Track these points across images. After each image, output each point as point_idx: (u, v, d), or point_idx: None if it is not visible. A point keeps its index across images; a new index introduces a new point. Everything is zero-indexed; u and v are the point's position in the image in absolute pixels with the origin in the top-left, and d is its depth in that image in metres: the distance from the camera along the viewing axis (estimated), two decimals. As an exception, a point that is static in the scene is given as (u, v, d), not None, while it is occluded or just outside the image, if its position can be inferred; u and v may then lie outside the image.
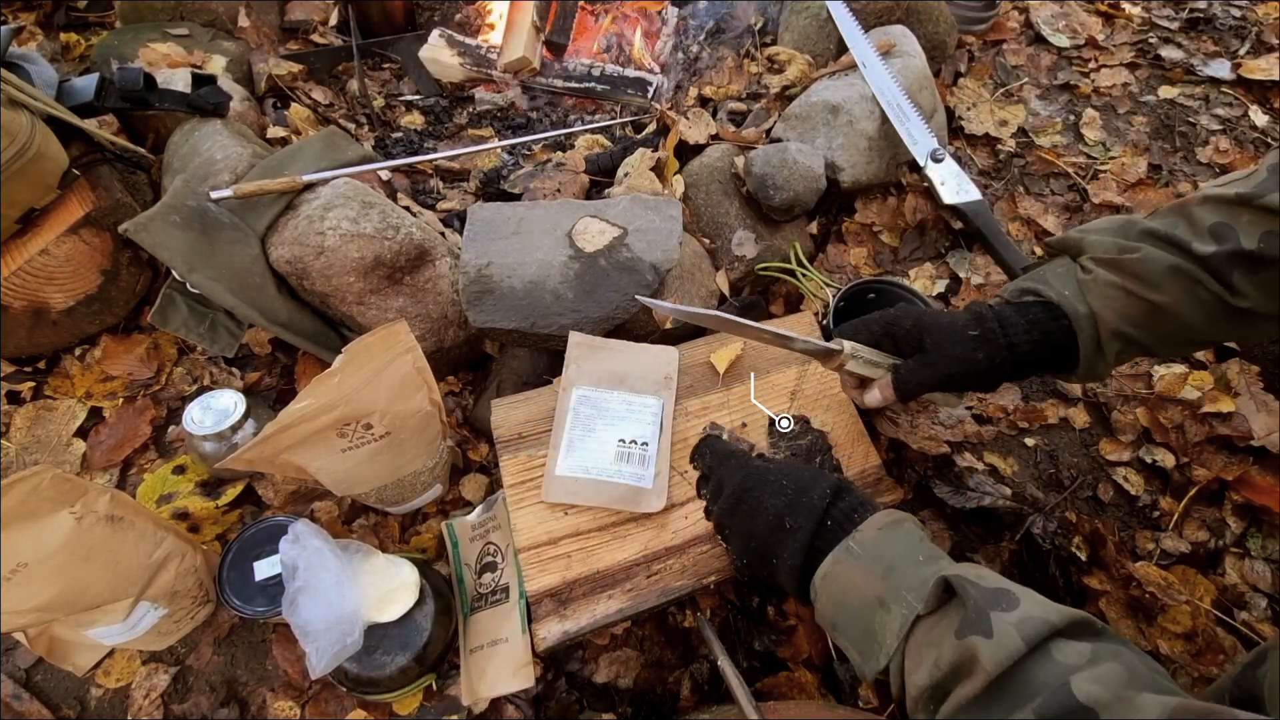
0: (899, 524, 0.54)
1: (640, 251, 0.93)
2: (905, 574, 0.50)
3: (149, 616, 0.75)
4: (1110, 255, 0.61)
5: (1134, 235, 0.62)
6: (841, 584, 0.53)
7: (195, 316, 0.96)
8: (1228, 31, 1.46)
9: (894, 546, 0.52)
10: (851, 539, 0.53)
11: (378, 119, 1.24)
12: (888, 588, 0.50)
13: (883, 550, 0.52)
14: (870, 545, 0.53)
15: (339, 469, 0.77)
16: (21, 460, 0.94)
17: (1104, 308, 0.61)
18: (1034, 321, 0.62)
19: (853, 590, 0.52)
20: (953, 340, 0.63)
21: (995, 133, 1.30)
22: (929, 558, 0.51)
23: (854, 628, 0.52)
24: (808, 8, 1.20)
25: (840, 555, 0.53)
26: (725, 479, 0.63)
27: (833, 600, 0.53)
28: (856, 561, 0.52)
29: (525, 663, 0.77)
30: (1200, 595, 0.85)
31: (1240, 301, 0.59)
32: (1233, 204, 0.58)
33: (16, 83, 0.86)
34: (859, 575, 0.52)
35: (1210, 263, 0.58)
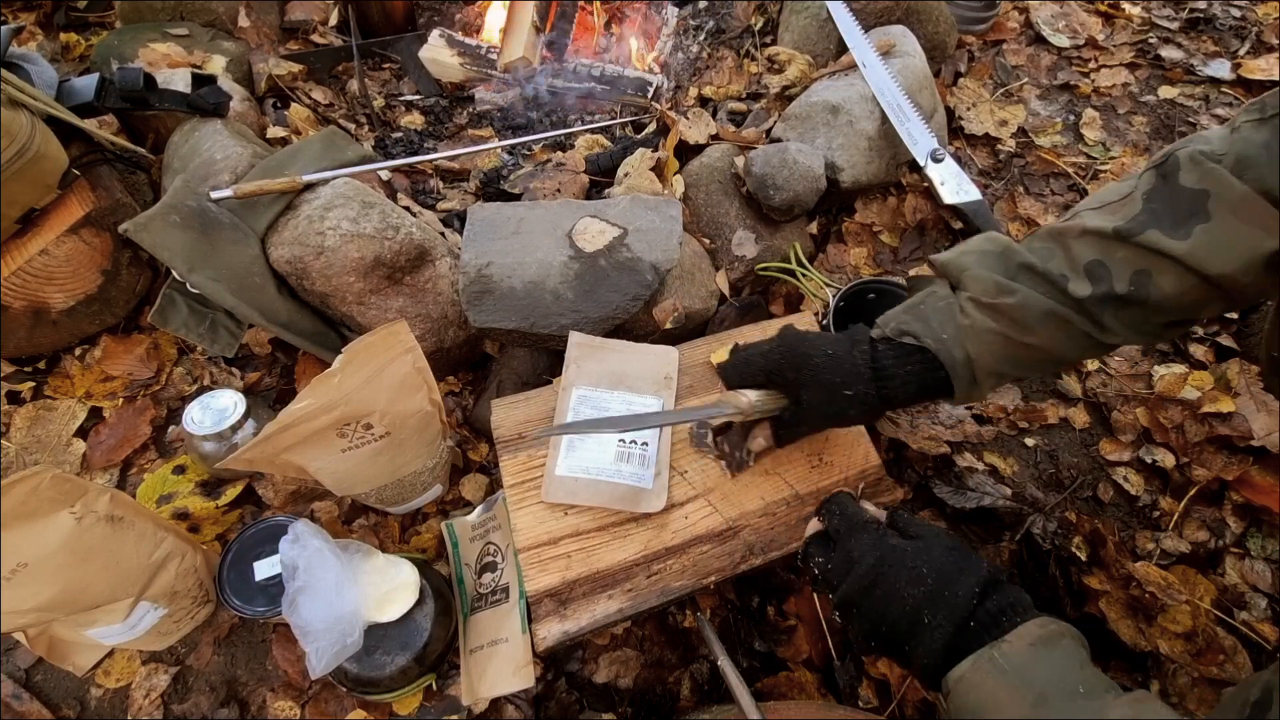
0: (1055, 641, 0.48)
1: (640, 251, 0.93)
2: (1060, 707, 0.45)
3: (149, 616, 0.75)
4: (989, 299, 0.61)
5: (1011, 271, 0.62)
6: (981, 697, 0.48)
7: (195, 316, 0.96)
8: (1228, 31, 1.46)
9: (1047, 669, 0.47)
10: (997, 649, 0.48)
11: (378, 119, 1.24)
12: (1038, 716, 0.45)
13: (1035, 672, 0.47)
14: (1020, 664, 0.47)
15: (339, 469, 0.77)
16: (21, 460, 0.94)
17: (981, 352, 0.62)
18: (912, 373, 0.63)
19: (994, 709, 0.47)
20: (828, 400, 0.64)
21: (995, 133, 1.30)
22: (1090, 690, 0.46)
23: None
24: (808, 8, 1.20)
25: (984, 664, 0.48)
26: (856, 554, 0.56)
27: (969, 710, 0.48)
28: (1002, 678, 0.47)
29: (525, 663, 0.77)
30: (1200, 595, 0.85)
31: (1108, 338, 0.61)
32: (1109, 240, 0.59)
33: (16, 83, 0.86)
34: (1004, 694, 0.47)
35: (1084, 305, 0.59)
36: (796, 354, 0.65)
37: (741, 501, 0.77)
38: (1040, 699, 0.45)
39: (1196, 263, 0.55)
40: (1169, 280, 0.57)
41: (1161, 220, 0.57)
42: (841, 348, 0.64)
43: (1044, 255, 0.62)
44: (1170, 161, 0.58)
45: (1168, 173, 0.58)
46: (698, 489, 0.77)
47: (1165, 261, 0.57)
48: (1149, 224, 0.57)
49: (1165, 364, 1.05)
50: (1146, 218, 0.57)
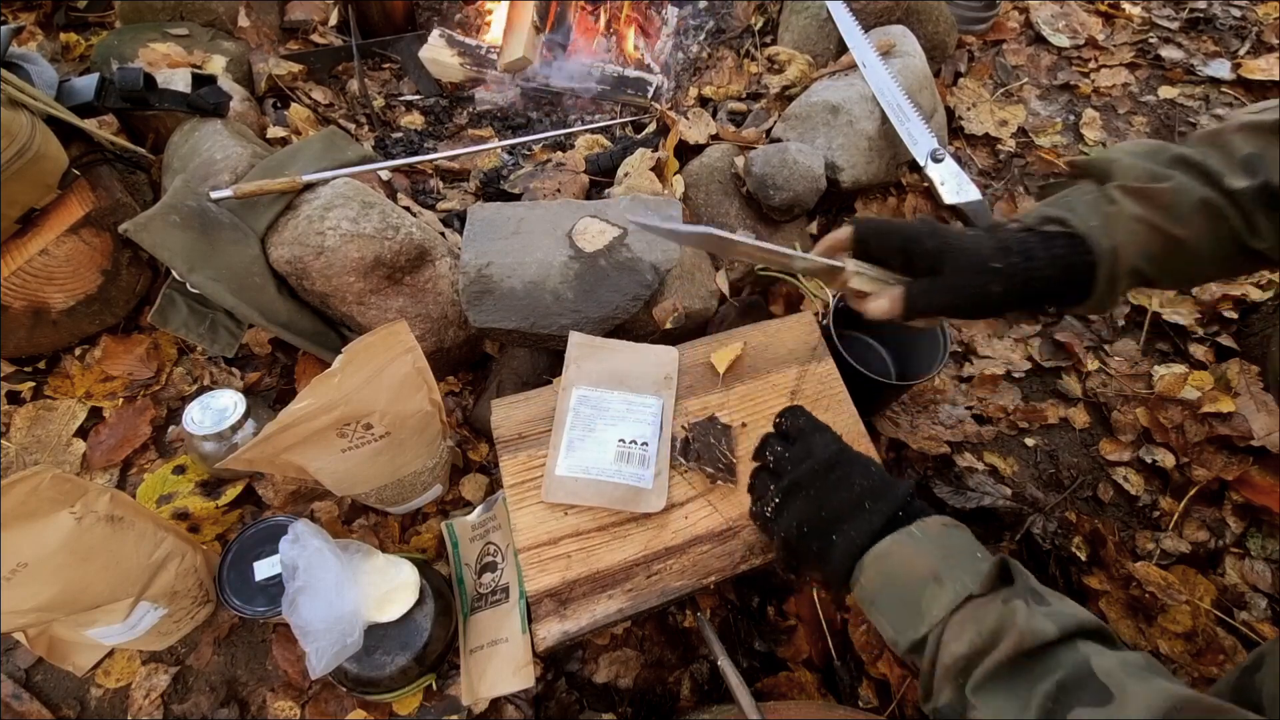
0: (959, 528, 0.56)
1: (640, 251, 0.93)
2: (963, 561, 0.52)
3: (149, 616, 0.75)
4: (1140, 184, 0.59)
5: (1165, 161, 0.60)
6: (895, 561, 0.54)
7: (195, 316, 0.96)
8: (1228, 31, 1.46)
9: (955, 540, 0.54)
10: (916, 526, 0.55)
11: (378, 119, 1.24)
12: (945, 567, 0.51)
13: (945, 541, 0.54)
14: (934, 534, 0.54)
15: (339, 469, 0.77)
16: (21, 460, 0.94)
17: (1126, 242, 0.58)
18: (1058, 256, 0.59)
19: (906, 566, 0.53)
20: (974, 270, 0.59)
21: (995, 133, 1.30)
22: (985, 557, 0.53)
23: (897, 601, 0.53)
24: (808, 8, 1.20)
25: (901, 538, 0.54)
26: (817, 446, 0.61)
27: (881, 575, 0.54)
28: (916, 544, 0.54)
29: (525, 662, 0.77)
30: (1200, 595, 0.85)
31: (1257, 242, 0.57)
32: (1268, 131, 0.57)
33: (16, 83, 0.86)
34: (916, 556, 0.53)
35: (1239, 198, 0.56)
36: (939, 229, 0.61)
37: (741, 502, 0.77)
38: (947, 554, 0.53)
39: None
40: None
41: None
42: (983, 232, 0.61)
43: (1201, 152, 0.59)
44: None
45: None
46: (698, 489, 0.77)
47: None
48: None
49: (1165, 364, 1.05)
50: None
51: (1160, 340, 1.08)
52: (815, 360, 0.87)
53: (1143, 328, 1.09)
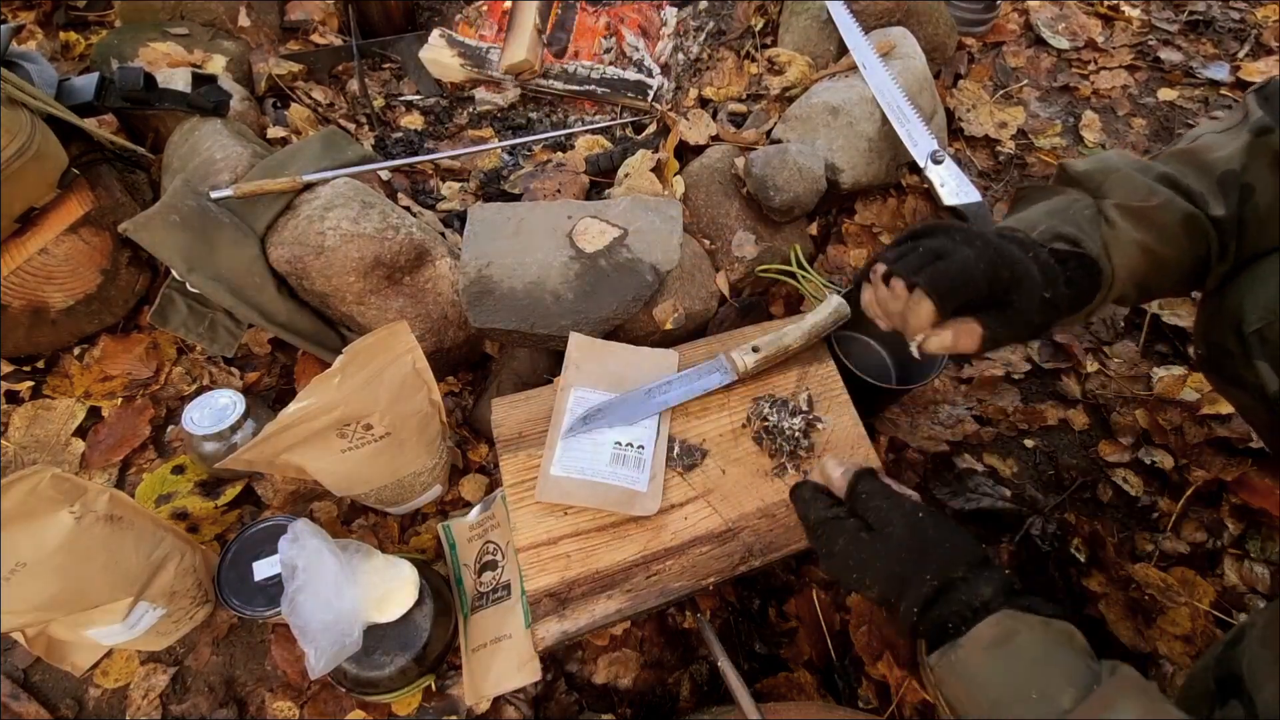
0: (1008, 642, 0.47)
1: (640, 252, 0.93)
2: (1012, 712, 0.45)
3: (148, 616, 0.75)
4: (1137, 203, 0.59)
5: (1155, 177, 0.60)
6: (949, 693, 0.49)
7: (195, 316, 0.95)
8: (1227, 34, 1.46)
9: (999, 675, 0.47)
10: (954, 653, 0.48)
11: (378, 119, 1.24)
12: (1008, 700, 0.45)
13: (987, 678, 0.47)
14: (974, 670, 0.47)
15: (339, 469, 0.77)
16: (20, 460, 0.94)
17: (1122, 266, 0.59)
18: (1073, 280, 0.58)
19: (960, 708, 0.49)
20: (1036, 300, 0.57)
21: (995, 134, 1.30)
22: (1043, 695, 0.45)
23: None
24: (808, 9, 1.20)
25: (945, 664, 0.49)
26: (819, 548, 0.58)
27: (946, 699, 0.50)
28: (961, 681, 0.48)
29: (530, 658, 0.77)
30: (1199, 597, 0.86)
31: (1221, 267, 0.60)
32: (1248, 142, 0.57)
33: (16, 81, 0.86)
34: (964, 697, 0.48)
35: (1220, 224, 0.58)
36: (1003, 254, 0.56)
37: (741, 503, 0.77)
38: (994, 704, 0.46)
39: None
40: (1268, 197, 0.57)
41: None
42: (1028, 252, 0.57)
43: (1179, 172, 0.60)
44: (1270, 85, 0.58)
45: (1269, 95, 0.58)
46: (697, 490, 0.77)
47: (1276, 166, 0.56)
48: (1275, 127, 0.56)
49: (1164, 366, 1.05)
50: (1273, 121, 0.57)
51: (1159, 342, 1.09)
52: (816, 361, 0.87)
53: (1142, 329, 1.09)
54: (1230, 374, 0.62)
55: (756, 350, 0.82)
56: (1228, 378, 0.62)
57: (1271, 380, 0.57)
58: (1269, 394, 0.57)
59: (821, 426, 0.82)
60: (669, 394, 0.81)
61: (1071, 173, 0.64)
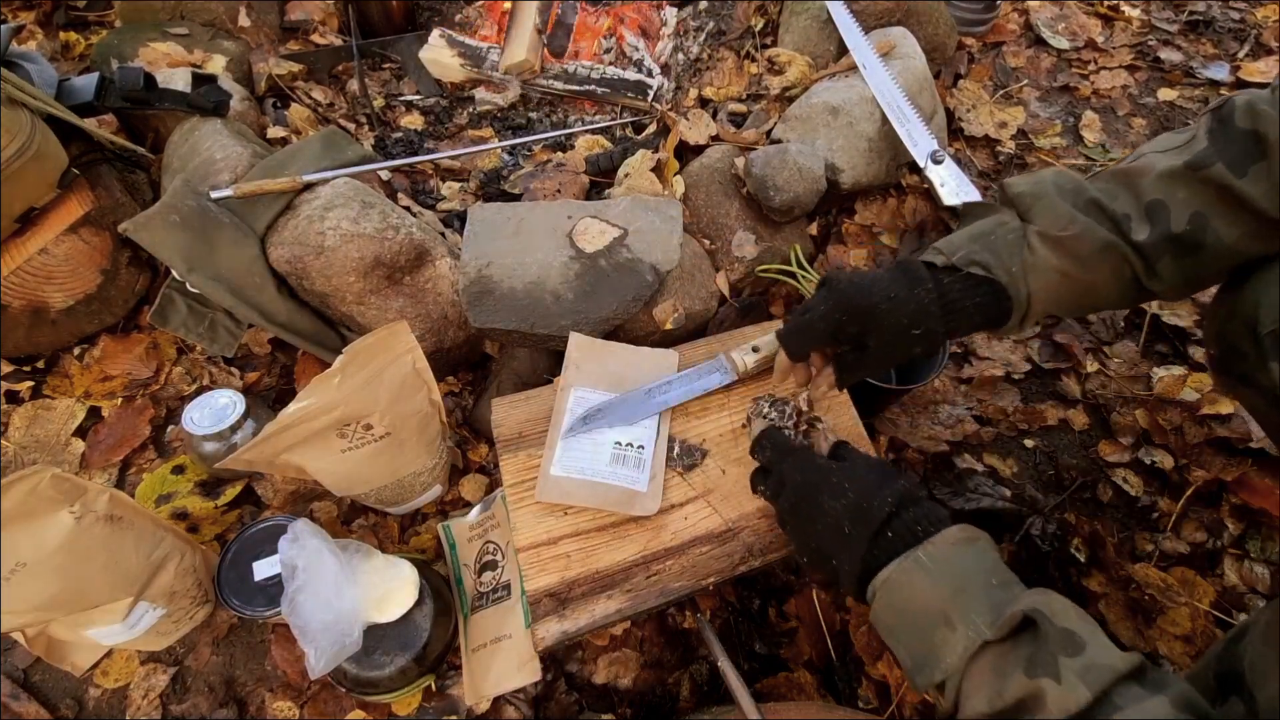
0: (973, 541, 0.53)
1: (640, 252, 0.93)
2: (976, 596, 0.49)
3: (148, 616, 0.75)
4: (1056, 232, 0.62)
5: (1082, 204, 0.62)
6: (905, 593, 0.52)
7: (195, 316, 0.95)
8: (1227, 34, 1.46)
9: (966, 563, 0.51)
10: (922, 550, 0.52)
11: (378, 119, 1.24)
12: (955, 607, 0.49)
13: (955, 566, 0.51)
14: (942, 559, 0.51)
15: (339, 469, 0.77)
16: (20, 460, 0.94)
17: (1040, 290, 0.63)
18: (979, 305, 0.64)
19: (916, 601, 0.51)
20: (893, 343, 0.65)
21: (995, 134, 1.30)
22: (1002, 582, 0.50)
23: (912, 638, 0.51)
24: (808, 9, 1.20)
25: (907, 565, 0.52)
26: (786, 476, 0.62)
27: (892, 607, 0.53)
28: (924, 573, 0.51)
29: (530, 657, 0.77)
30: (1199, 597, 0.86)
31: (1154, 284, 0.62)
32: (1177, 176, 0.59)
33: (16, 81, 0.86)
34: (926, 587, 0.51)
35: (1142, 248, 0.60)
36: (857, 307, 0.64)
37: (741, 503, 0.77)
38: (959, 589, 0.50)
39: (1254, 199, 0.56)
40: (1224, 224, 0.58)
41: (1224, 156, 0.57)
42: (901, 288, 0.64)
43: (1110, 194, 0.62)
44: (1227, 106, 0.59)
45: (1224, 116, 0.59)
46: (697, 490, 0.77)
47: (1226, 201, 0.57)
48: (1216, 158, 0.57)
49: (1164, 366, 1.05)
50: (1213, 153, 0.58)
51: (1159, 342, 1.09)
52: None
53: (1142, 330, 1.09)
54: (1242, 375, 0.62)
55: (756, 350, 0.82)
56: (1240, 378, 0.63)
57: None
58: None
59: (821, 426, 0.82)
60: (669, 394, 0.81)
61: (1009, 194, 0.67)
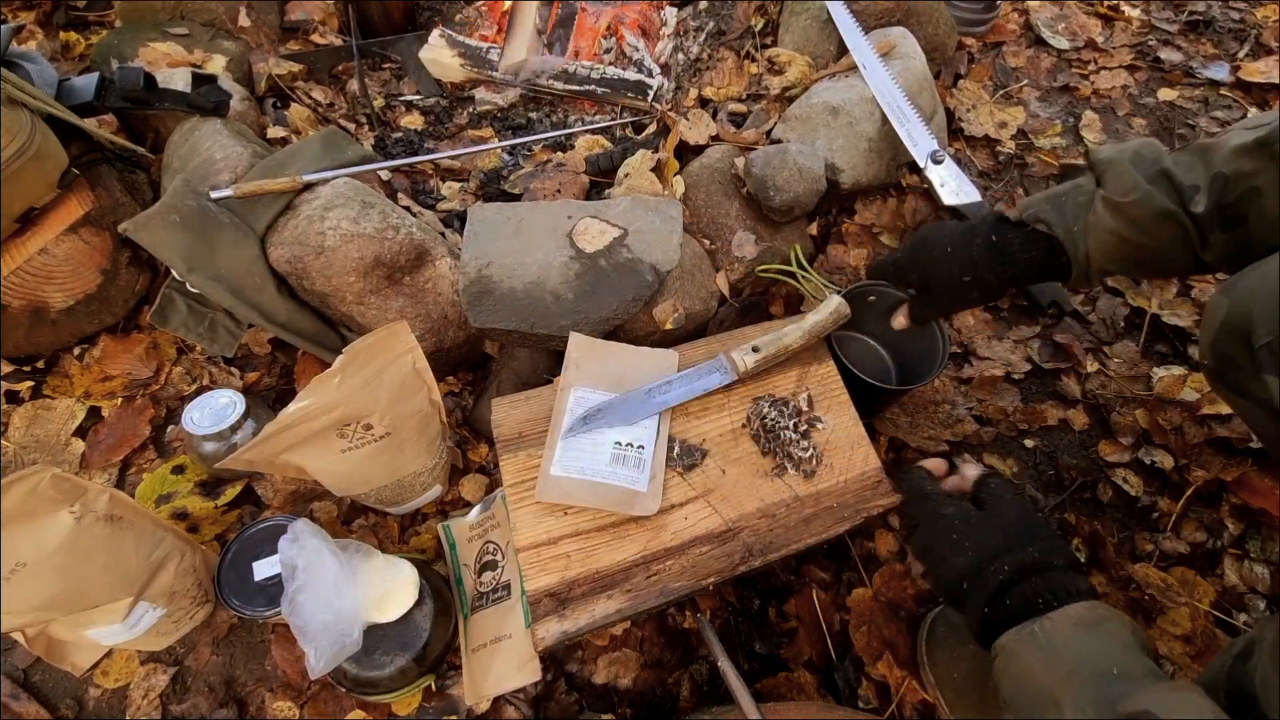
0: (1100, 624, 0.51)
1: (640, 252, 0.93)
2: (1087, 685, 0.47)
3: (148, 616, 0.75)
4: (1117, 198, 0.65)
5: (1152, 174, 0.65)
6: (1020, 666, 0.51)
7: (195, 316, 0.95)
8: (1227, 34, 1.46)
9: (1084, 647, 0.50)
10: (1039, 625, 0.52)
11: (378, 119, 1.24)
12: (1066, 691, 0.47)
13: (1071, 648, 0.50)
14: (1059, 638, 0.50)
15: (339, 469, 0.77)
16: (20, 460, 0.94)
17: (1097, 249, 0.68)
18: (1036, 259, 0.71)
19: (1028, 678, 0.50)
20: (951, 287, 0.76)
21: (995, 134, 1.30)
22: (1124, 674, 0.47)
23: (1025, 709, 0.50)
24: (808, 9, 1.20)
25: (1023, 636, 0.52)
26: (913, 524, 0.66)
27: (1009, 675, 0.52)
28: (1038, 650, 0.51)
29: (530, 657, 0.77)
30: (1199, 597, 0.86)
31: (1207, 255, 0.65)
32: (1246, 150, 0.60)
33: (16, 81, 0.86)
34: (1038, 664, 0.50)
35: (1197, 219, 0.63)
36: (918, 256, 0.77)
37: (741, 503, 0.77)
38: (1070, 674, 0.48)
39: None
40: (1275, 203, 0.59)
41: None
42: (961, 240, 0.74)
43: (1185, 167, 0.64)
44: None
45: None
46: (697, 490, 0.77)
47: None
48: None
49: (1164, 366, 1.05)
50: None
51: (1159, 342, 1.09)
52: (816, 361, 0.87)
53: (1142, 329, 1.09)
54: (1237, 386, 0.62)
55: (756, 350, 0.82)
56: (1234, 388, 0.63)
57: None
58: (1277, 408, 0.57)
59: (821, 426, 0.82)
60: (669, 394, 0.81)
61: (1090, 160, 0.71)
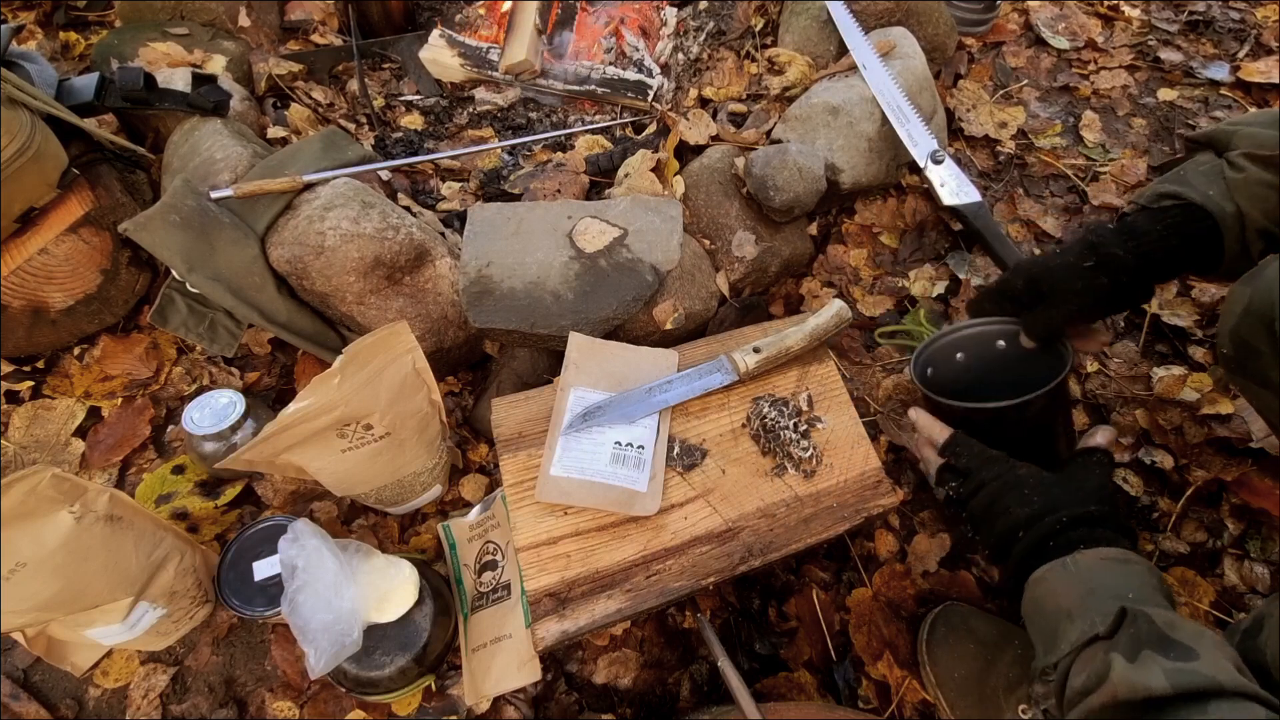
0: (1126, 561, 0.55)
1: (640, 252, 0.93)
2: (1103, 600, 0.51)
3: (148, 616, 0.75)
4: (1267, 151, 0.59)
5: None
6: (1043, 589, 0.56)
7: (195, 316, 0.95)
8: (1227, 34, 1.46)
9: (1108, 576, 0.53)
10: (1071, 558, 0.55)
11: (378, 119, 1.24)
12: (1080, 605, 0.52)
13: (1095, 576, 0.54)
14: (1085, 566, 0.55)
15: (339, 469, 0.77)
16: (20, 460, 0.94)
17: (1252, 206, 0.60)
18: (1171, 227, 0.61)
19: (1052, 597, 0.55)
20: (1069, 278, 0.64)
21: (995, 134, 1.30)
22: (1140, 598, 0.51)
23: (1042, 627, 0.55)
24: (808, 9, 1.20)
25: (1055, 567, 0.56)
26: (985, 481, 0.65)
27: (1033, 600, 0.57)
28: (1065, 576, 0.55)
29: (530, 657, 0.77)
30: (1199, 597, 0.86)
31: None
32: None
33: (16, 81, 0.86)
34: (1062, 587, 0.54)
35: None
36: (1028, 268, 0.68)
37: (741, 503, 0.77)
38: (1090, 592, 0.52)
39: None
40: None
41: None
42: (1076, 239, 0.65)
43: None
44: None
45: None
46: (697, 490, 0.77)
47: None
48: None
49: (1164, 366, 1.05)
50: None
51: (1159, 342, 1.09)
52: (816, 361, 0.87)
53: (1142, 329, 1.09)
54: (1256, 373, 0.61)
55: (758, 351, 0.82)
56: (1253, 377, 0.62)
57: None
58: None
59: (821, 426, 0.82)
60: (669, 393, 0.81)
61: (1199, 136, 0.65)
